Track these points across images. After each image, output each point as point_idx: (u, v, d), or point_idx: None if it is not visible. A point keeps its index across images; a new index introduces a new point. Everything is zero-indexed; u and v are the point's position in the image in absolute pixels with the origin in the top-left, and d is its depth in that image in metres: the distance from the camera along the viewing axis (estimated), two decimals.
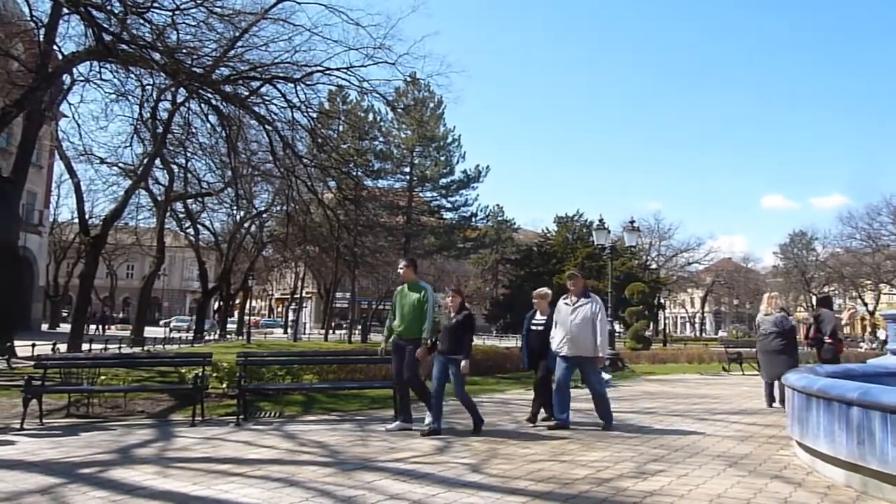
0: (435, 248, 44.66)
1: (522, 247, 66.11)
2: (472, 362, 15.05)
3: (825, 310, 11.06)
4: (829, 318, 10.72)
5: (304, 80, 15.84)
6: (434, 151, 42.91)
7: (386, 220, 36.51)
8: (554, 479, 5.08)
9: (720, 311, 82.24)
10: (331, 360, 11.15)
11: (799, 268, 62.90)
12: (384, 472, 5.33)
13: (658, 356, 23.29)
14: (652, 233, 61.25)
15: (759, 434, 7.37)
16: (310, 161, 19.12)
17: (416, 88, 34.46)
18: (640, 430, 7.63)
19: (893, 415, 4.30)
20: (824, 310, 11.04)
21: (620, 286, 35.13)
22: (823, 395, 5.09)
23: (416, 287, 7.65)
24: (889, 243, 53.10)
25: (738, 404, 10.38)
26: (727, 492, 4.74)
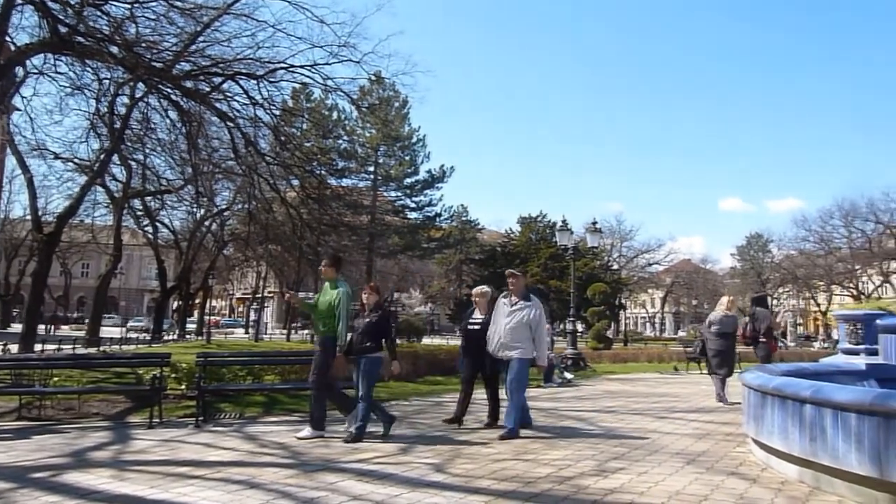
0: (399, 247, 44.61)
1: (486, 247, 66.34)
2: (436, 362, 15.23)
3: (760, 308, 11.42)
4: (764, 316, 11.11)
5: (268, 77, 15.64)
6: (399, 151, 42.86)
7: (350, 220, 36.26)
8: (517, 478, 5.11)
9: (679, 311, 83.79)
10: (293, 360, 11.02)
11: (755, 269, 64.47)
12: (347, 472, 5.29)
13: (619, 356, 23.62)
14: (614, 234, 62.24)
15: (716, 432, 7.53)
16: (272, 159, 18.88)
17: (381, 87, 34.37)
18: (601, 429, 7.72)
19: (844, 412, 4.43)
20: (759, 308, 11.40)
21: (582, 286, 35.56)
22: (778, 393, 5.22)
23: (335, 286, 7.33)
24: (841, 246, 54.82)
25: (695, 403, 10.58)
26: (685, 488, 4.83)
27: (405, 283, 63.85)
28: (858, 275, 54.51)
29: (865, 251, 52.04)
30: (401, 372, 7.32)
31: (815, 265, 55.49)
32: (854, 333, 8.45)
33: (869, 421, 4.24)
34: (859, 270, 54.08)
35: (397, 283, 62.49)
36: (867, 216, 52.65)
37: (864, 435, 4.25)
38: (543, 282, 54.75)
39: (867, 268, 53.49)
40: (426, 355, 15.31)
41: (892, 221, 51.28)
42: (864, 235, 53.18)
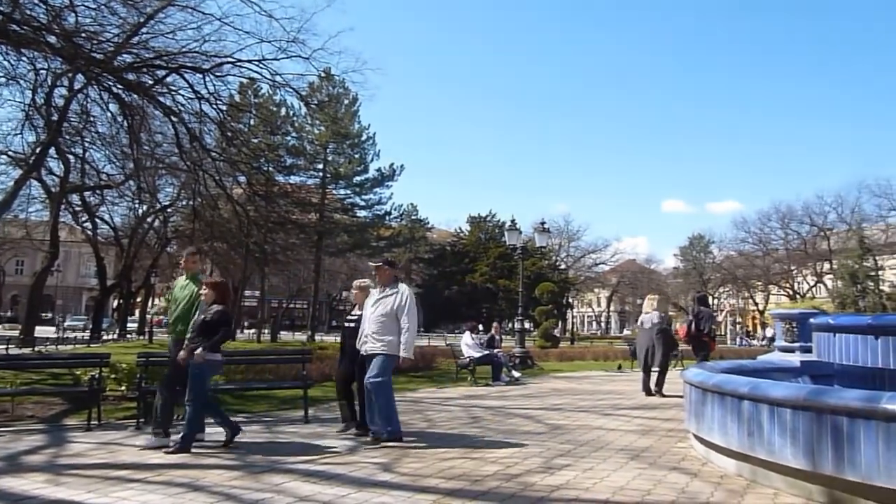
0: (348, 246, 44.21)
1: (436, 246, 66.57)
2: None
3: (704, 308, 11.84)
4: (708, 315, 11.53)
5: (214, 71, 15.30)
6: (348, 149, 42.47)
7: (298, 217, 35.76)
8: (464, 477, 5.13)
9: (624, 310, 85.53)
10: (238, 359, 10.79)
11: (697, 269, 66.26)
12: (293, 473, 5.22)
13: (566, 354, 23.96)
14: (562, 234, 63.09)
15: (659, 428, 7.71)
16: (218, 155, 18.48)
17: (330, 84, 33.93)
18: (548, 426, 7.81)
19: (780, 408, 4.59)
20: (703, 308, 11.81)
21: (531, 286, 35.93)
22: (718, 390, 5.37)
23: (195, 280, 6.87)
24: (778, 247, 56.91)
25: (640, 400, 10.81)
26: (629, 484, 4.93)
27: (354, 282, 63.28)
28: (794, 275, 56.68)
29: (801, 252, 54.16)
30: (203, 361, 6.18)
31: (754, 266, 57.49)
32: (789, 332, 8.80)
33: (803, 416, 4.40)
34: (795, 271, 56.25)
35: (346, 282, 61.98)
36: (803, 219, 54.90)
37: (799, 430, 4.42)
38: (492, 281, 55.28)
39: (802, 268, 55.68)
40: None
41: (825, 224, 53.53)
42: (799, 237, 55.35)
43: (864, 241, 47.12)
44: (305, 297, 51.83)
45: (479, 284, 55.95)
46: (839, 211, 52.65)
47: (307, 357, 9.41)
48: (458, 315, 53.33)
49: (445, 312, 57.19)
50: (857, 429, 4.04)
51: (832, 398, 4.32)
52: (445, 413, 9.01)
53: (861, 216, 50.19)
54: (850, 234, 49.38)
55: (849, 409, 4.12)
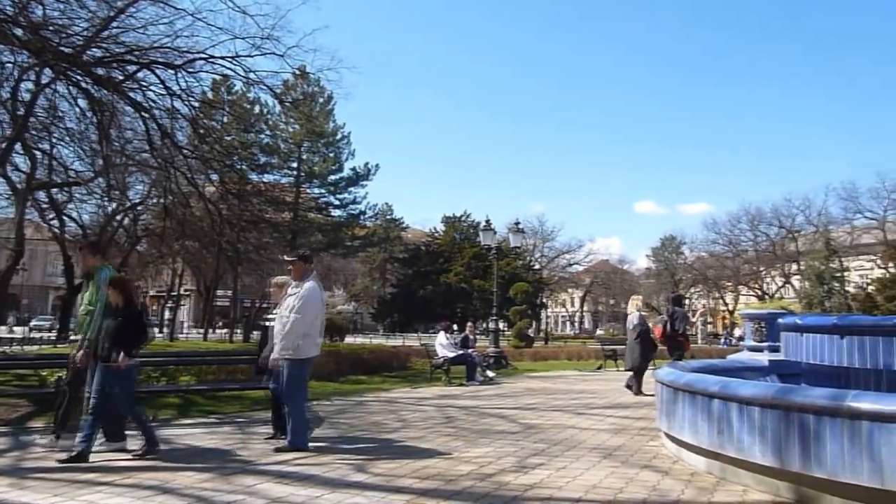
0: (322, 245, 43.95)
1: (411, 246, 66.50)
2: (359, 361, 15.12)
3: (678, 308, 12.04)
4: (682, 315, 11.73)
5: (186, 68, 15.07)
6: (323, 147, 42.27)
7: (271, 216, 35.42)
8: (439, 476, 5.13)
9: (598, 310, 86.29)
10: (210, 360, 10.71)
11: (669, 270, 67.06)
12: (266, 475, 5.17)
13: (540, 354, 24.11)
14: (536, 234, 63.42)
15: (631, 427, 7.79)
16: (190, 152, 18.22)
17: (305, 82, 33.67)
18: (522, 426, 7.85)
19: (749, 406, 4.67)
20: (677, 308, 12.01)
21: (505, 286, 36.07)
22: (689, 388, 5.45)
23: (96, 275, 6.33)
24: (747, 248, 57.86)
25: (612, 399, 10.92)
26: (601, 482, 4.98)
27: (328, 282, 63.01)
28: (763, 276, 57.67)
29: (769, 254, 55.13)
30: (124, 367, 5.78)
31: (724, 266, 58.37)
32: (758, 331, 8.96)
33: (771, 414, 4.48)
34: (763, 272, 57.24)
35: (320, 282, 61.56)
36: (771, 221, 55.89)
37: (767, 427, 4.50)
38: (467, 281, 55.39)
39: (771, 269, 56.70)
40: (349, 354, 15.19)
41: (793, 226, 54.59)
42: (768, 239, 56.32)
43: (830, 243, 48.13)
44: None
45: (454, 284, 56.01)
46: (807, 213, 53.78)
47: None
48: (433, 315, 53.30)
49: (420, 312, 57.14)
50: (824, 426, 4.12)
51: (799, 397, 4.40)
52: (420, 413, 9.00)
53: (828, 219, 51.28)
54: (816, 236, 50.41)
55: (815, 408, 4.20)
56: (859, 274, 51.54)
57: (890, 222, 48.36)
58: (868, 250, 49.26)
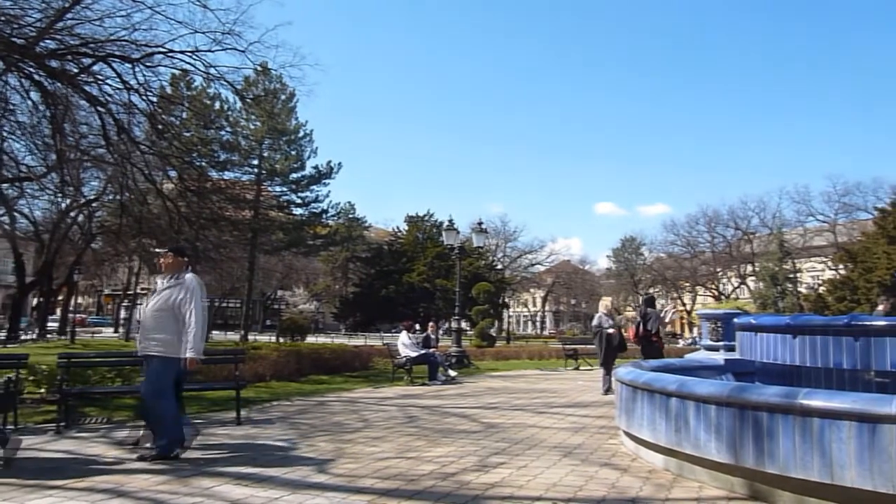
0: (283, 244, 43.43)
1: (373, 245, 66.25)
2: (320, 361, 15.00)
3: (651, 309, 12.24)
4: (655, 316, 11.94)
5: (144, 61, 14.74)
6: (284, 145, 41.73)
7: (231, 214, 34.83)
8: (400, 476, 5.12)
9: (559, 310, 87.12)
10: None
11: (629, 270, 68.14)
12: (224, 476, 5.09)
13: (501, 353, 24.25)
14: (498, 235, 63.78)
15: (591, 425, 7.88)
16: (148, 148, 17.84)
17: (267, 79, 33.25)
18: (483, 425, 7.88)
19: (705, 404, 4.78)
20: (650, 309, 12.21)
21: (468, 286, 36.21)
22: (647, 387, 5.54)
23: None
24: (704, 250, 59.13)
25: (573, 398, 11.04)
26: (562, 480, 5.02)
27: (289, 281, 62.48)
28: (719, 277, 59.02)
29: (726, 255, 56.45)
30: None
31: (682, 267, 59.57)
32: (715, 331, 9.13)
33: (726, 412, 4.59)
34: (720, 273, 58.58)
35: (281, 281, 61.05)
36: (728, 223, 57.25)
37: (723, 425, 4.60)
38: (430, 280, 55.40)
39: (727, 270, 58.06)
40: (310, 354, 15.05)
41: (749, 228, 55.98)
42: (725, 240, 57.68)
43: (783, 245, 49.52)
44: (239, 296, 50.64)
45: (417, 284, 55.97)
46: (761, 216, 55.23)
47: (240, 357, 9.19)
48: (396, 314, 53.20)
49: (382, 312, 56.97)
50: (776, 424, 4.24)
51: (753, 395, 4.51)
52: (382, 413, 8.97)
53: (781, 221, 52.78)
54: (770, 238, 51.82)
55: (769, 405, 4.31)
56: (811, 275, 53.12)
57: (840, 225, 49.94)
58: (819, 252, 50.79)
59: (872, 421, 3.80)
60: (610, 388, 11.14)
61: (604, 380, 11.46)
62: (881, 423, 3.76)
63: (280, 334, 28.65)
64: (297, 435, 7.07)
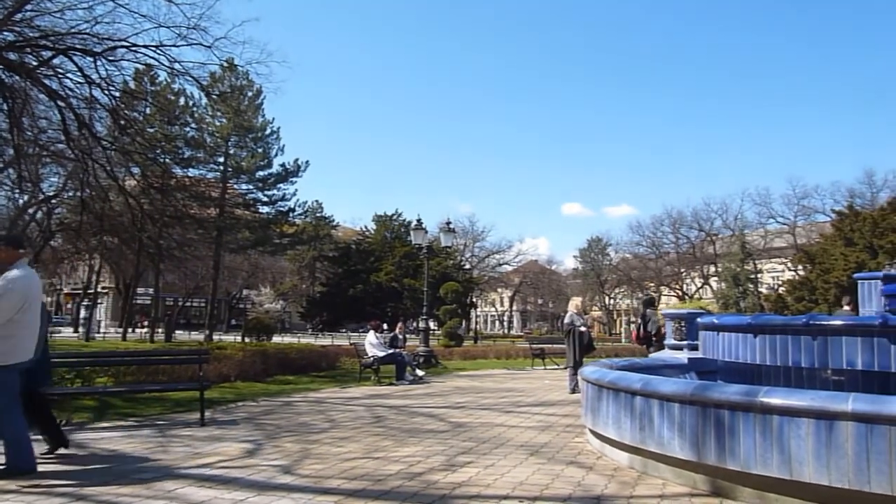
0: (250, 242, 42.91)
1: (341, 244, 65.79)
2: (287, 361, 14.85)
3: (650, 310, 12.50)
4: (655, 318, 12.19)
5: (106, 55, 14.44)
6: (251, 142, 41.20)
7: (196, 212, 34.30)
8: (367, 477, 5.10)
9: (527, 309, 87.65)
10: (129, 360, 10.26)
11: (595, 271, 68.84)
12: (187, 479, 5.01)
13: (469, 353, 24.30)
14: (467, 234, 63.92)
15: (557, 424, 7.95)
16: (110, 144, 17.49)
17: (233, 75, 32.88)
18: (450, 424, 7.89)
19: (669, 402, 4.85)
20: (650, 310, 12.46)
21: (436, 285, 36.17)
22: (612, 386, 5.61)
23: None
24: (669, 250, 60.06)
25: (540, 397, 11.12)
26: (528, 479, 5.06)
27: (255, 280, 61.72)
28: (683, 277, 59.99)
29: (690, 256, 57.40)
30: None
31: (647, 268, 60.42)
32: (679, 331, 9.27)
33: (689, 410, 4.67)
34: (684, 273, 59.55)
35: (247, 280, 60.32)
36: (692, 224, 58.20)
37: (686, 423, 4.68)
38: (398, 280, 55.26)
39: (691, 271, 59.06)
40: (276, 354, 14.90)
41: (712, 230, 57.03)
42: (689, 241, 58.64)
43: (745, 247, 50.53)
44: (203, 295, 49.90)
45: (385, 283, 55.73)
46: (724, 217, 56.24)
47: (204, 357, 9.05)
48: (363, 314, 52.90)
49: (350, 311, 56.60)
50: (738, 421, 4.33)
51: (715, 393, 4.59)
52: (349, 413, 8.92)
53: (743, 223, 53.79)
54: (733, 240, 52.85)
55: (730, 403, 4.40)
56: (772, 276, 54.31)
57: (800, 227, 51.18)
58: (780, 253, 51.98)
59: (829, 418, 3.90)
60: (576, 386, 11.26)
61: (570, 378, 11.56)
62: (837, 421, 3.87)
63: (245, 334, 28.27)
64: (263, 436, 6.99)
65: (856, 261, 32.90)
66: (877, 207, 38.02)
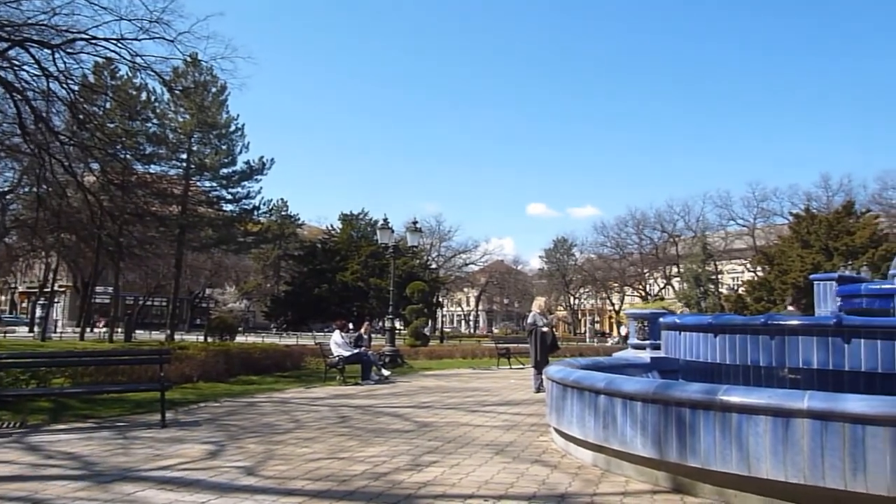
0: (213, 241, 42.21)
1: (306, 243, 65.21)
2: (250, 361, 14.67)
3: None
4: None
5: (65, 48, 14.10)
6: (215, 139, 40.52)
7: (158, 209, 33.67)
8: (332, 477, 5.07)
9: (493, 309, 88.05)
10: (87, 361, 10.01)
11: (560, 271, 69.47)
12: (148, 481, 4.92)
13: (435, 352, 24.29)
14: (433, 234, 63.97)
15: (522, 423, 8.00)
16: (68, 138, 17.07)
17: (197, 70, 32.30)
18: (416, 424, 7.88)
19: (632, 401, 4.93)
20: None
21: (402, 285, 36.08)
22: (577, 385, 5.67)
23: None
24: (633, 251, 60.94)
25: (505, 396, 11.18)
26: (493, 478, 5.08)
27: (219, 279, 60.86)
28: (646, 277, 60.94)
29: (652, 256, 58.36)
30: None
31: (612, 268, 61.24)
32: (642, 330, 9.43)
33: (652, 408, 4.74)
34: (647, 273, 60.50)
35: (210, 279, 59.42)
36: (655, 226, 59.19)
37: (648, 421, 4.75)
38: (364, 279, 55.00)
39: (654, 271, 60.04)
40: (239, 354, 14.69)
41: (674, 231, 58.03)
42: (652, 242, 59.62)
43: (706, 248, 51.60)
44: (165, 294, 49.00)
45: (351, 283, 55.40)
46: (686, 219, 57.33)
47: (166, 357, 8.89)
48: (329, 313, 52.55)
49: (315, 311, 56.15)
50: (698, 419, 4.41)
51: (677, 392, 4.68)
52: (314, 413, 8.86)
53: (704, 224, 54.94)
54: (694, 241, 53.91)
55: (691, 402, 4.49)
56: (731, 276, 55.53)
57: (759, 229, 52.39)
58: (740, 255, 53.19)
59: (786, 415, 4.01)
60: (541, 386, 11.35)
61: (535, 378, 11.63)
62: (794, 418, 3.97)
63: (208, 333, 27.84)
64: (226, 437, 6.90)
65: (812, 262, 33.84)
66: (832, 211, 39.14)
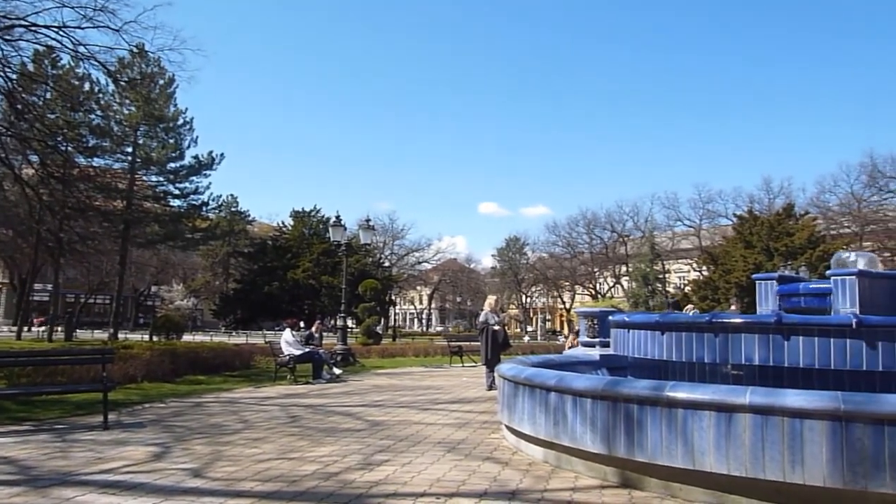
0: (159, 237, 41.10)
1: (257, 240, 64.18)
2: (198, 360, 14.38)
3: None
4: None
5: (2, 34, 13.54)
6: (162, 132, 39.43)
7: (101, 204, 32.60)
8: (282, 478, 5.00)
9: (445, 307, 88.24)
10: (24, 360, 9.62)
11: (513, 269, 70.06)
12: (88, 485, 4.76)
13: (387, 350, 24.22)
14: (386, 232, 63.74)
15: (474, 420, 8.04)
16: (5, 129, 16.40)
17: (143, 62, 31.34)
18: (368, 423, 7.84)
19: (582, 398, 5.00)
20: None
21: (354, 283, 35.83)
22: (528, 383, 5.73)
23: None
24: (584, 251, 61.88)
25: (457, 394, 11.21)
26: (445, 475, 5.09)
27: (165, 276, 59.40)
28: (596, 276, 61.95)
29: (602, 256, 59.38)
30: None
31: (563, 267, 62.07)
32: (591, 328, 9.57)
33: (601, 405, 4.83)
34: (597, 272, 61.51)
35: (156, 276, 57.93)
36: (605, 225, 60.25)
37: (597, 417, 4.83)
38: (315, 277, 54.44)
39: (603, 270, 61.08)
40: (186, 353, 14.37)
41: (624, 231, 59.18)
42: (602, 242, 60.64)
43: (654, 248, 52.75)
44: (109, 292, 47.56)
45: (302, 281, 54.72)
46: (635, 219, 58.51)
47: (108, 357, 8.60)
48: (279, 312, 51.81)
49: (266, 309, 55.28)
50: (645, 415, 4.51)
51: (625, 388, 4.77)
52: (263, 413, 8.72)
53: (653, 225, 56.11)
54: (643, 241, 55.04)
55: (639, 398, 4.58)
56: (678, 276, 56.84)
57: (704, 230, 53.83)
58: (686, 255, 54.58)
59: (728, 410, 4.13)
60: (493, 383, 11.42)
61: (487, 376, 11.70)
62: (736, 413, 4.10)
63: (154, 332, 27.10)
64: (171, 438, 6.73)
65: (754, 262, 34.96)
66: (773, 213, 40.51)
